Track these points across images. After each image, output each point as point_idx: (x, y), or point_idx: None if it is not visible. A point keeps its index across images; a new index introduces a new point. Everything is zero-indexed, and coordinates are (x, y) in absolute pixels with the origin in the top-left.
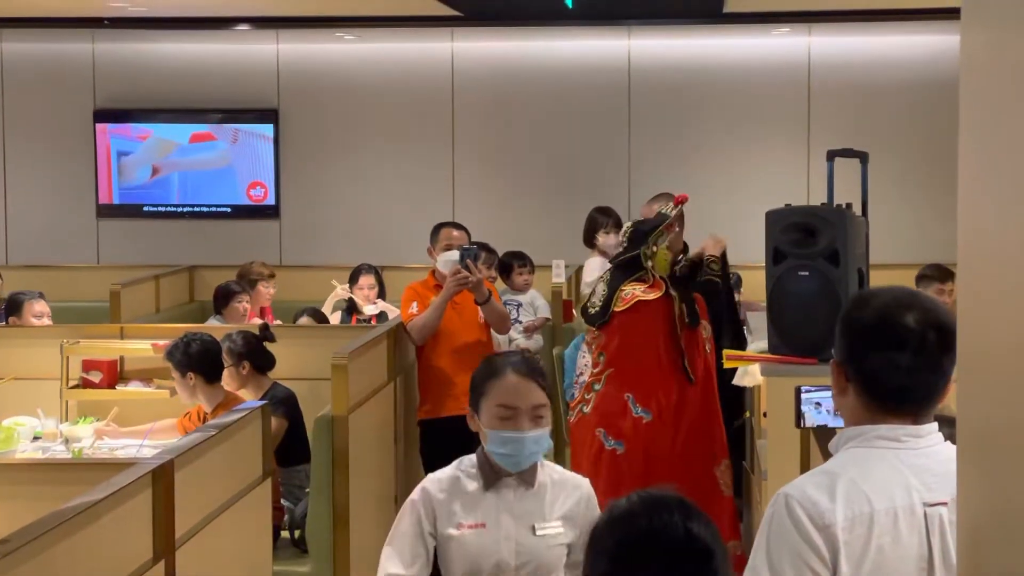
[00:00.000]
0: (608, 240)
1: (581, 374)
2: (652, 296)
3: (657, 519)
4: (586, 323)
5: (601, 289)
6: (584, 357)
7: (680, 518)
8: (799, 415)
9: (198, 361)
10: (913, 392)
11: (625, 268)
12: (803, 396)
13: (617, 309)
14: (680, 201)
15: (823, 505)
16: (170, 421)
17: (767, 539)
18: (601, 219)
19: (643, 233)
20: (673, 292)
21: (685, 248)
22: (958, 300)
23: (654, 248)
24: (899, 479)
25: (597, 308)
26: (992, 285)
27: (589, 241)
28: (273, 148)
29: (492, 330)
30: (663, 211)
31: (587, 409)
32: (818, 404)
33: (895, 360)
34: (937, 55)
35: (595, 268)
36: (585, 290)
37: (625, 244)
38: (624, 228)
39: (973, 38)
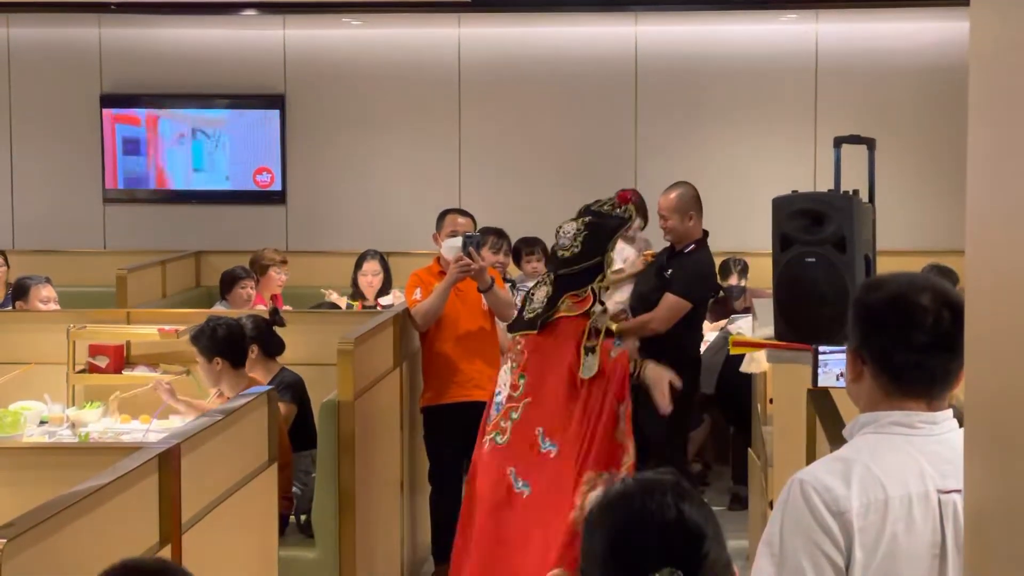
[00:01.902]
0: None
1: (499, 392)
2: (576, 312)
3: (651, 500)
4: (509, 331)
5: (543, 295)
6: (505, 373)
7: (673, 500)
8: (815, 376)
9: (225, 346)
10: (929, 371)
11: (582, 274)
12: (820, 357)
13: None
14: (624, 200)
15: (838, 491)
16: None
17: (781, 525)
18: None
19: (601, 240)
20: (599, 305)
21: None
22: (966, 287)
23: (612, 254)
24: (913, 466)
25: (536, 314)
26: (1000, 272)
27: None
28: (279, 134)
29: (496, 318)
30: (619, 212)
31: (502, 440)
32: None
33: (910, 338)
34: (945, 41)
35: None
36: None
37: (578, 247)
38: (578, 224)
39: (983, 23)
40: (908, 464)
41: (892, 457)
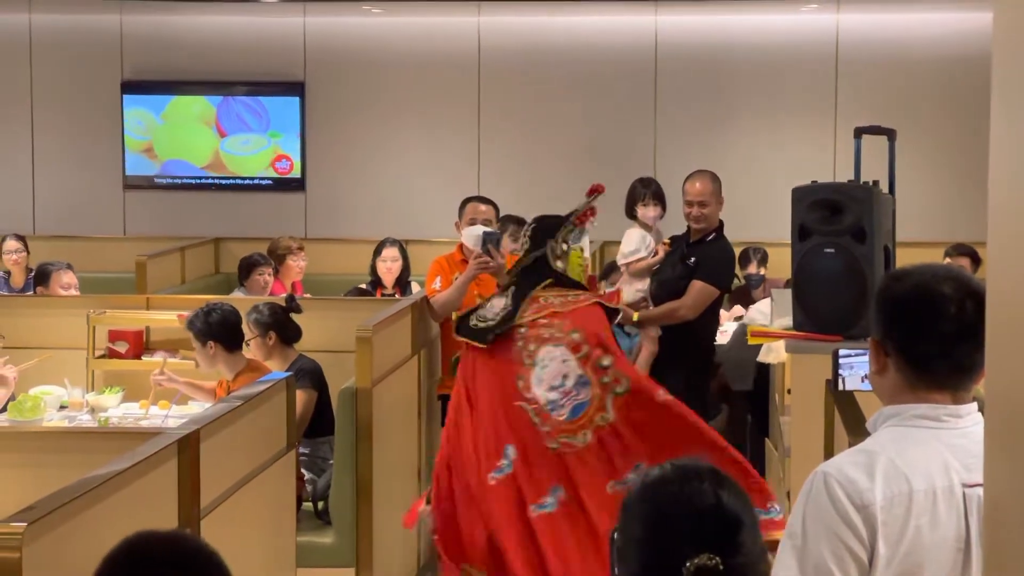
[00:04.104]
0: (647, 212)
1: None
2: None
3: (688, 486)
4: (456, 334)
5: (502, 303)
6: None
7: (711, 486)
8: (836, 378)
9: (218, 330)
10: (953, 361)
11: (532, 273)
12: (841, 360)
13: (527, 318)
14: (594, 191)
15: (862, 484)
16: (212, 384)
17: (803, 517)
18: (640, 190)
19: (548, 229)
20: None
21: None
22: (988, 278)
23: (564, 246)
24: (938, 459)
25: (487, 323)
26: (1023, 263)
27: (630, 212)
28: (299, 121)
29: None
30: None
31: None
32: (852, 367)
33: (934, 328)
34: (966, 32)
35: (634, 240)
36: (620, 260)
37: (527, 246)
38: (525, 227)
39: (1006, 13)
40: (933, 457)
41: (917, 450)
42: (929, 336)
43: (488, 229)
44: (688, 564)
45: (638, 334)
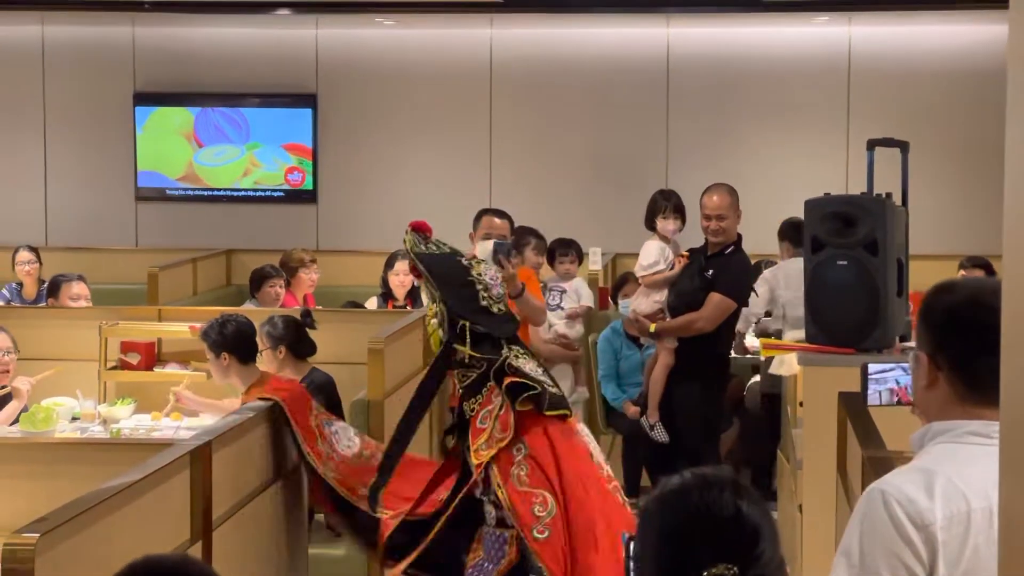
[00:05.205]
0: (667, 225)
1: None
2: None
3: (707, 495)
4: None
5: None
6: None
7: (731, 496)
8: (865, 393)
9: (233, 342)
10: None
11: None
12: (870, 376)
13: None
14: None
15: (922, 504)
16: (233, 403)
17: (859, 535)
18: (661, 202)
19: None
20: None
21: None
22: (1003, 290)
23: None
24: (993, 477)
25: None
26: None
27: (649, 224)
28: (311, 133)
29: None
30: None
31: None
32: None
33: (989, 342)
34: (979, 44)
35: (653, 252)
36: (639, 272)
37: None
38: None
39: (1022, 26)
40: (989, 475)
41: (973, 468)
42: (985, 350)
43: (499, 240)
44: (704, 574)
45: (651, 346)
